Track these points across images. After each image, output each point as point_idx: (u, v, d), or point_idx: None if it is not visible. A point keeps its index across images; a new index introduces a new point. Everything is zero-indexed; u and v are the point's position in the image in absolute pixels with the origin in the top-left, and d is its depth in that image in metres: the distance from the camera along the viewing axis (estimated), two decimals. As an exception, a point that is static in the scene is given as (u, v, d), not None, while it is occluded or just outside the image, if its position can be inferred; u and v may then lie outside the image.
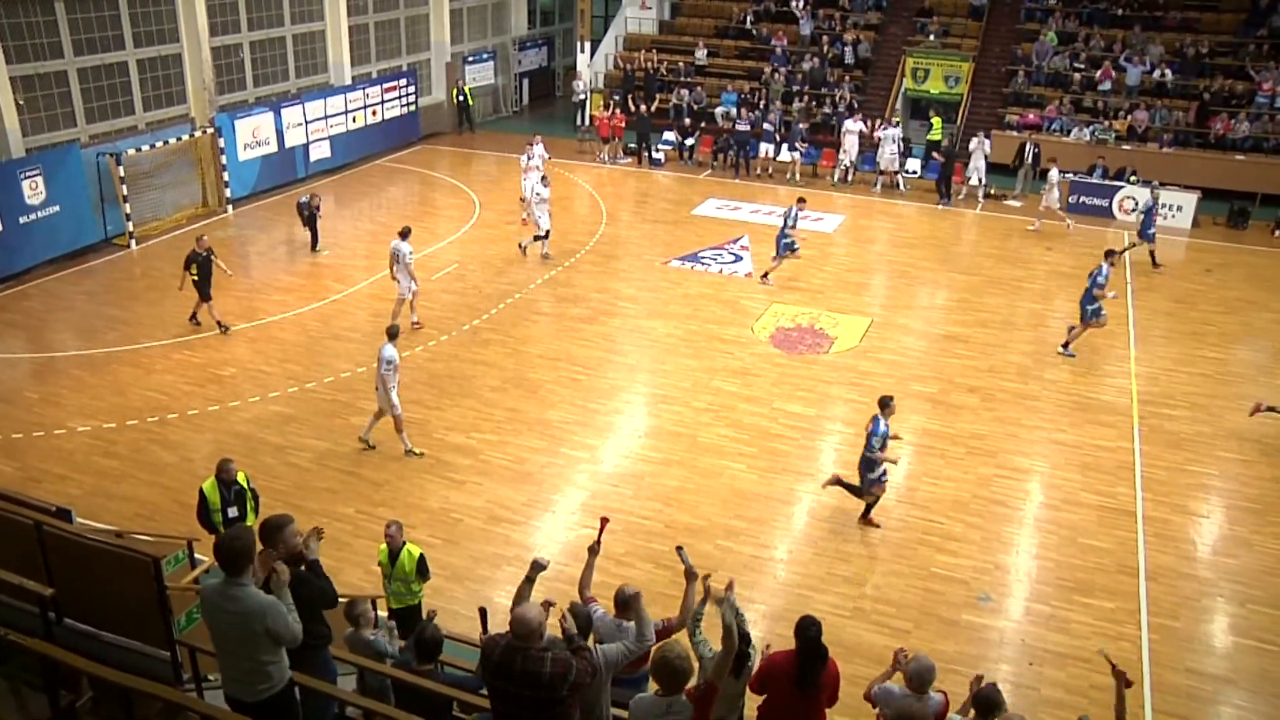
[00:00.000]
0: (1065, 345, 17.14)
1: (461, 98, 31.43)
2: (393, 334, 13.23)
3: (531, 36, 37.12)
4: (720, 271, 20.40)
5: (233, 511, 9.72)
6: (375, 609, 8.40)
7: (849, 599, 10.88)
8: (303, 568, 6.53)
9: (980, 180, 25.95)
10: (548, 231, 20.51)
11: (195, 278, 16.53)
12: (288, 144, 25.26)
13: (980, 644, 10.31)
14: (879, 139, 26.90)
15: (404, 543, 9.24)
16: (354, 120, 27.43)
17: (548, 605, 6.15)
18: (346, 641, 7.90)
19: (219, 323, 16.87)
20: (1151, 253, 21.75)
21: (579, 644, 6.10)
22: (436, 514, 12.17)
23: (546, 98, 38.12)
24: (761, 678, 6.99)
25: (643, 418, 14.70)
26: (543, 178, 21.00)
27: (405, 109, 29.57)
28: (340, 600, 7.49)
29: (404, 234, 16.75)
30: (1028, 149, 26.58)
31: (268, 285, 19.18)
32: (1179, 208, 25.04)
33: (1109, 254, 17.43)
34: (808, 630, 6.81)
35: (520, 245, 20.97)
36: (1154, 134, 27.90)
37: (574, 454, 13.56)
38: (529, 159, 22.78)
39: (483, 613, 9.01)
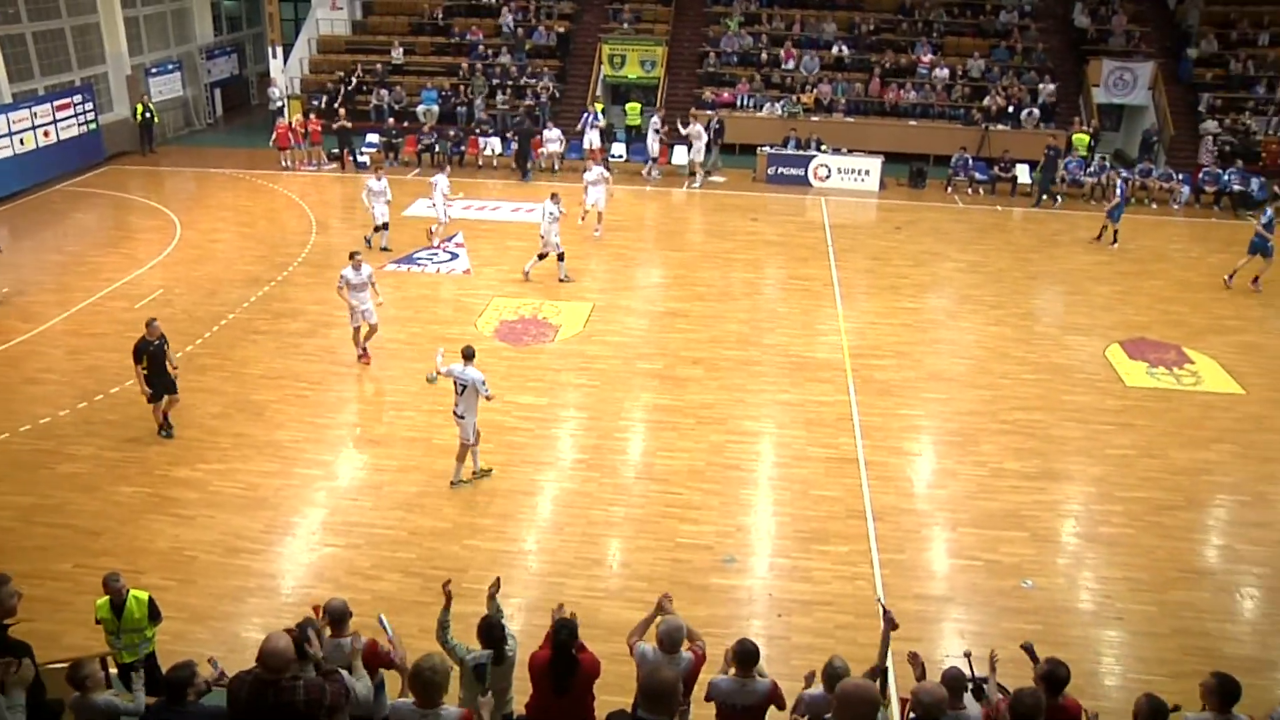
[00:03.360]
0: None
1: (148, 114, 29.13)
2: (469, 355, 12.45)
3: (219, 44, 35.16)
4: (438, 271, 20.10)
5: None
6: (106, 668, 7.72)
7: (601, 580, 10.98)
8: None
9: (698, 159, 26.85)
10: (561, 252, 19.54)
11: (146, 371, 13.44)
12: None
13: (731, 604, 10.66)
14: (583, 126, 27.39)
15: (128, 591, 8.54)
16: (21, 143, 24.97)
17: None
18: (74, 709, 7.19)
19: (164, 422, 13.83)
20: (1115, 232, 23.09)
21: (326, 668, 5.86)
22: (167, 555, 11.32)
23: (242, 108, 36.23)
24: (531, 674, 6.97)
25: (375, 426, 14.28)
26: (552, 195, 19.58)
27: (84, 128, 27.16)
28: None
29: (351, 258, 15.63)
30: (711, 125, 27.75)
31: (-64, 332, 17.25)
32: (866, 172, 26.93)
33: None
34: (559, 635, 6.81)
35: (560, 278, 19.70)
36: (837, 105, 29.84)
37: (309, 472, 12.98)
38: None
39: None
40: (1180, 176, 26.68)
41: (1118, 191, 23.16)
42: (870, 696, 5.12)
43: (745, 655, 6.91)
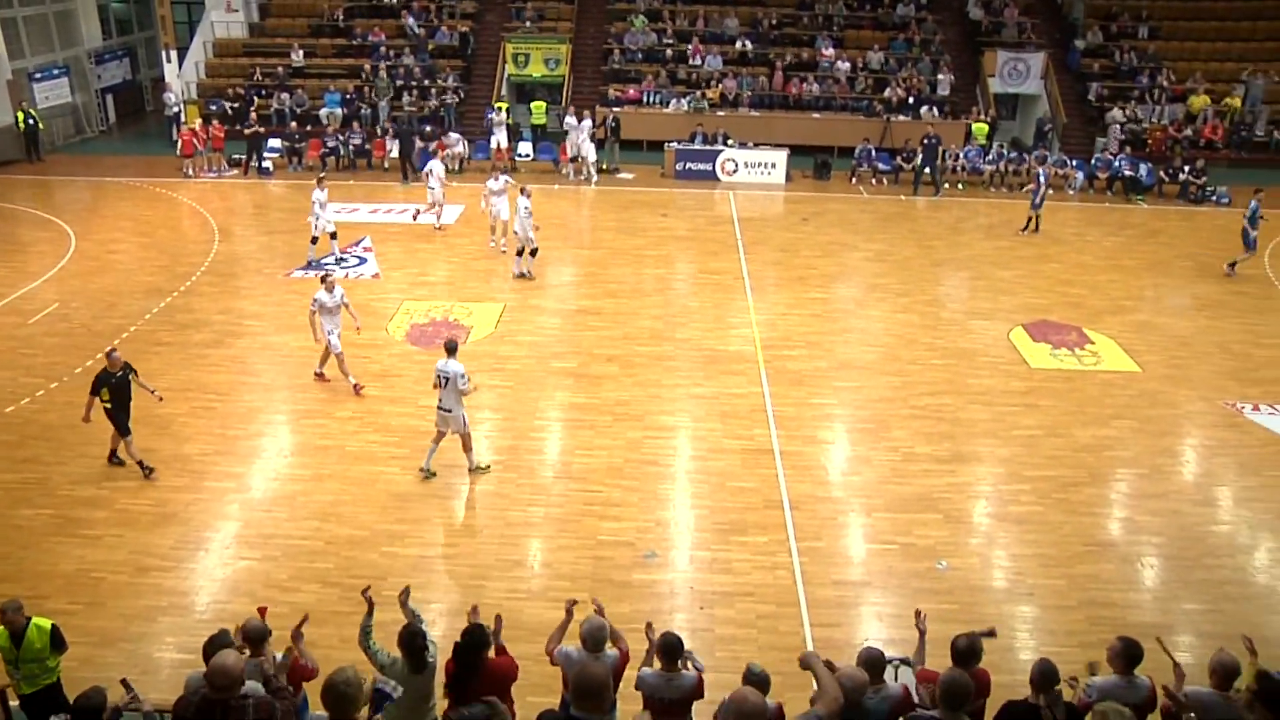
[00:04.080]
0: None
1: (31, 120, 28.11)
2: (451, 348, 12.54)
3: (109, 47, 34.09)
4: (346, 276, 19.77)
5: None
6: (5, 701, 7.43)
7: (523, 581, 10.92)
8: None
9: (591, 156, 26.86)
10: (535, 249, 19.68)
11: (108, 405, 12.63)
12: None
13: (654, 599, 10.68)
14: (488, 126, 27.25)
15: (28, 620, 8.22)
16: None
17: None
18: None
19: (140, 463, 12.90)
20: (1038, 219, 23.49)
21: (276, 684, 5.73)
22: (72, 578, 10.94)
23: (137, 113, 35.23)
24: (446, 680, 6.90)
25: (287, 436, 14.00)
26: (523, 189, 19.81)
27: (-38, 136, 26.21)
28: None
29: (324, 280, 15.07)
30: (608, 122, 27.81)
31: None
32: (772, 165, 27.24)
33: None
34: (460, 640, 6.76)
35: (523, 273, 19.73)
36: (742, 99, 30.13)
37: (220, 485, 12.66)
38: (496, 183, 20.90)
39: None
40: (1074, 163, 27.48)
41: (1040, 179, 23.69)
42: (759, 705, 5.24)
43: (669, 648, 6.94)
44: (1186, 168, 26.96)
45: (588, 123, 26.81)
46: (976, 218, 24.89)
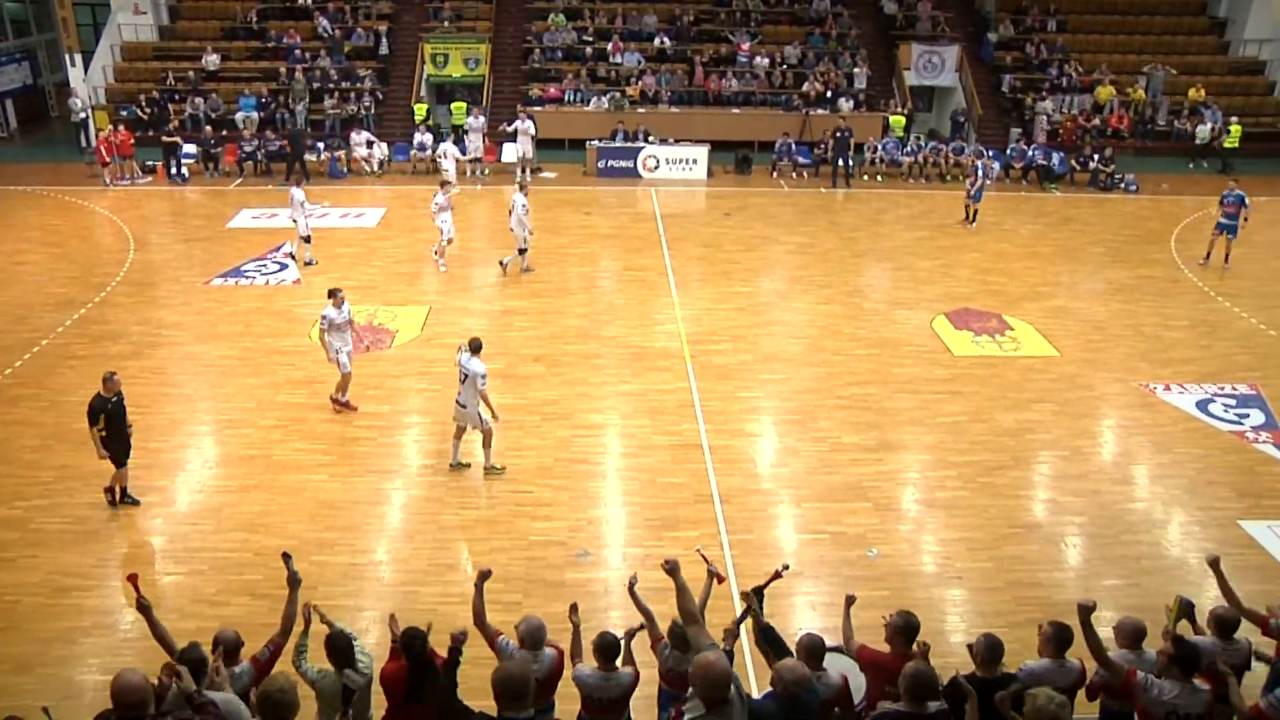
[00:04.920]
0: None
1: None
2: (475, 347, 12.39)
3: (5, 50, 33.01)
4: (267, 283, 19.43)
5: None
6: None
7: (456, 585, 10.79)
8: None
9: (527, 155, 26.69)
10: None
11: (103, 433, 11.81)
12: None
13: (588, 597, 10.61)
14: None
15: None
16: None
17: None
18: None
19: (124, 490, 12.20)
20: (975, 211, 23.62)
21: (199, 700, 5.56)
22: (-18, 603, 10.61)
23: (40, 119, 34.16)
24: (383, 687, 6.83)
25: (210, 447, 13.69)
26: (520, 186, 20.41)
27: None
28: None
29: (331, 294, 14.27)
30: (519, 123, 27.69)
31: None
32: (694, 161, 27.36)
33: None
34: (412, 646, 6.68)
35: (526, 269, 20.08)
36: (662, 96, 30.21)
37: (142, 500, 12.35)
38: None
39: None
40: (990, 153, 28.01)
41: (979, 172, 23.97)
42: (723, 668, 5.21)
43: (606, 648, 6.95)
44: (1096, 156, 27.65)
45: (530, 123, 26.58)
46: (897, 209, 25.26)
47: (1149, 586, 10.66)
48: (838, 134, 26.90)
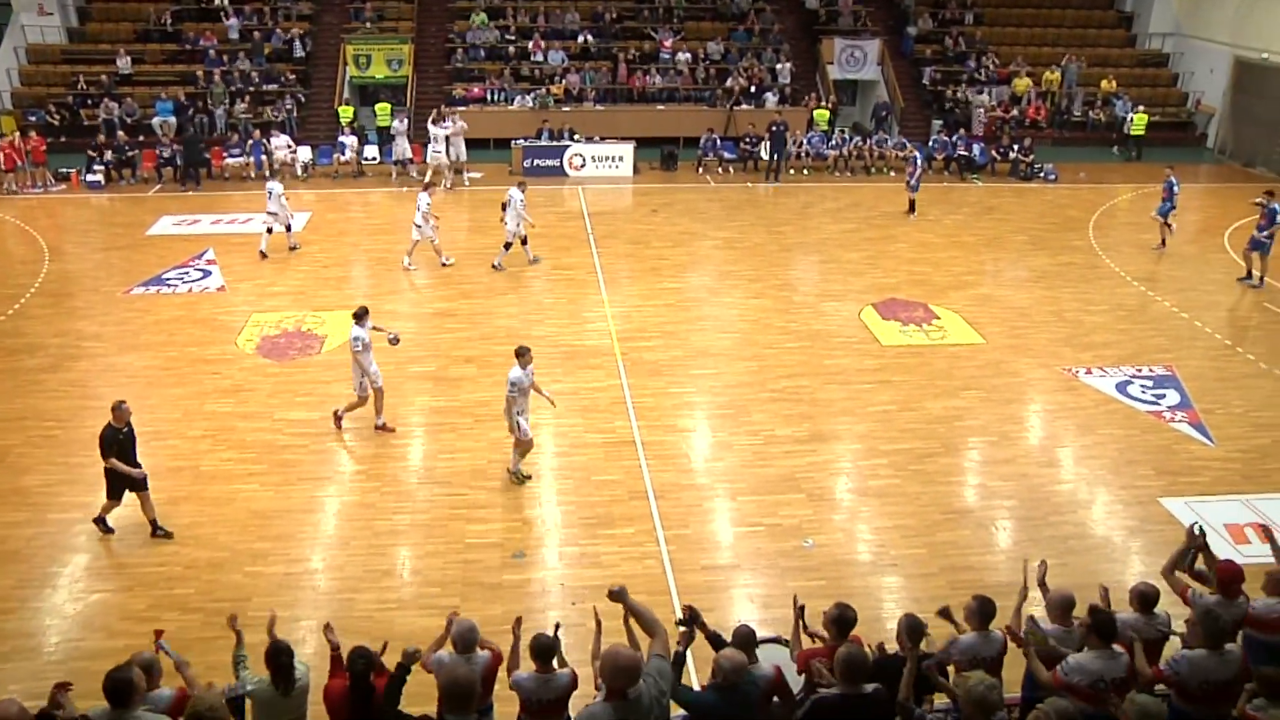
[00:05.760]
0: None
1: None
2: (521, 353, 12.49)
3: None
4: (190, 290, 19.01)
5: None
6: None
7: (393, 590, 10.70)
8: None
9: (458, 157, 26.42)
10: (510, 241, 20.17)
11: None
12: None
13: (525, 598, 10.59)
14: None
15: None
16: None
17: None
18: None
19: (154, 522, 11.66)
20: (913, 202, 23.99)
21: None
22: (-107, 630, 10.23)
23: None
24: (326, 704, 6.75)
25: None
26: (520, 183, 20.63)
27: None
28: None
29: (358, 316, 13.67)
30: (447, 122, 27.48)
31: None
32: (620, 158, 27.37)
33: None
34: (354, 665, 6.60)
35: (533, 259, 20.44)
36: (587, 94, 30.16)
37: (65, 516, 11.96)
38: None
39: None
40: (913, 145, 28.40)
41: (916, 162, 24.24)
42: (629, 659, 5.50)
43: (543, 650, 6.91)
44: (1016, 147, 28.18)
45: (463, 124, 26.29)
46: (823, 202, 25.51)
47: (1076, 565, 10.92)
48: (773, 128, 27.06)
